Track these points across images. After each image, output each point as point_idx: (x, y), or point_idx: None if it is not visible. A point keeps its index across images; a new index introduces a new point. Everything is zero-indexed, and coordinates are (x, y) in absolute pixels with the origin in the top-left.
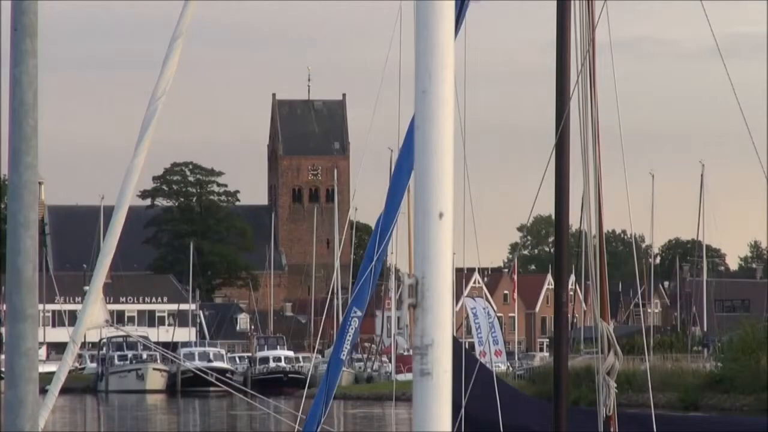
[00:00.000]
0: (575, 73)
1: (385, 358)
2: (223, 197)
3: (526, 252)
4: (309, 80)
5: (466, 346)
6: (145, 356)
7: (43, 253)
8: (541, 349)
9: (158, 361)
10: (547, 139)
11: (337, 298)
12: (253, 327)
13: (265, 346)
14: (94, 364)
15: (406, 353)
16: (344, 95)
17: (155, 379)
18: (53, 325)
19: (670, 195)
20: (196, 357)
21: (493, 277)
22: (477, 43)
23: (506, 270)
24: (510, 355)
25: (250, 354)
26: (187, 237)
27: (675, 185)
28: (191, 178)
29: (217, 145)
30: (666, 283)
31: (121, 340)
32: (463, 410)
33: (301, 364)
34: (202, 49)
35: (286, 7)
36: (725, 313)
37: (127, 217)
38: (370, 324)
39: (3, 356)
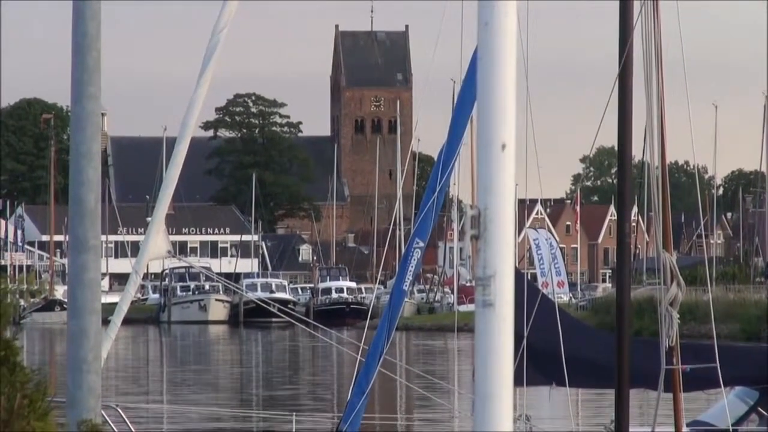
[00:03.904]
0: (639, 3)
1: (447, 289)
2: (285, 128)
3: (588, 183)
4: (372, 12)
5: (529, 278)
6: (207, 287)
7: (106, 184)
8: (604, 280)
9: (220, 292)
10: (611, 70)
11: (400, 229)
12: (315, 258)
13: (328, 277)
14: (157, 295)
15: (468, 284)
16: (407, 27)
17: (217, 309)
18: (116, 256)
19: (734, 126)
20: (259, 288)
21: (556, 208)
22: None
23: (569, 201)
24: (572, 286)
25: (312, 285)
26: (250, 168)
27: (739, 116)
28: (254, 110)
29: (280, 76)
30: (729, 214)
31: (183, 271)
32: (525, 341)
33: (364, 295)
34: None
35: None
36: None
37: (190, 148)
38: (432, 255)
39: (67, 287)
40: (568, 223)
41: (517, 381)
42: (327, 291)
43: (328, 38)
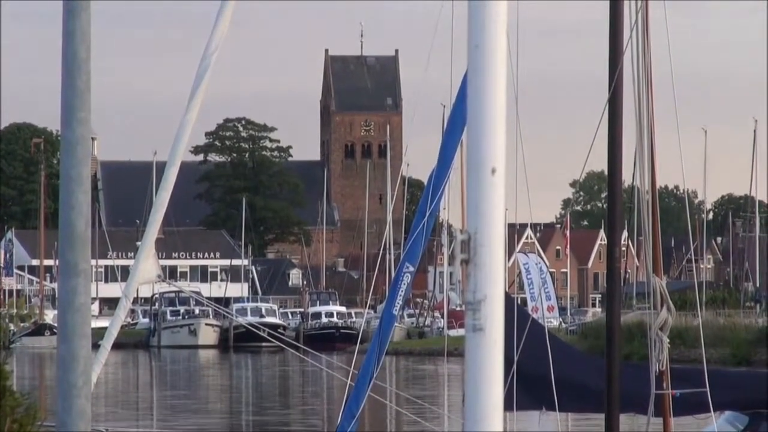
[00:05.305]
0: (629, 27)
1: (437, 314)
2: (275, 153)
3: (578, 207)
4: (362, 36)
5: (519, 302)
6: (197, 311)
7: (96, 208)
8: (594, 305)
9: (210, 316)
10: (601, 93)
11: (390, 254)
12: (305, 282)
13: (318, 302)
14: (147, 320)
15: (458, 308)
16: (397, 51)
17: (207, 334)
18: (106, 281)
19: (724, 150)
20: (249, 312)
21: (546, 232)
22: None
23: (559, 225)
24: (562, 310)
25: (302, 309)
26: (240, 192)
27: (728, 140)
28: (244, 134)
29: (270, 100)
30: (719, 239)
31: (173, 295)
32: (515, 365)
33: (354, 319)
34: (255, 4)
35: None
36: None
37: (180, 172)
38: (422, 279)
39: (56, 311)
40: (558, 247)
41: (507, 405)
42: (317, 315)
43: (318, 62)
